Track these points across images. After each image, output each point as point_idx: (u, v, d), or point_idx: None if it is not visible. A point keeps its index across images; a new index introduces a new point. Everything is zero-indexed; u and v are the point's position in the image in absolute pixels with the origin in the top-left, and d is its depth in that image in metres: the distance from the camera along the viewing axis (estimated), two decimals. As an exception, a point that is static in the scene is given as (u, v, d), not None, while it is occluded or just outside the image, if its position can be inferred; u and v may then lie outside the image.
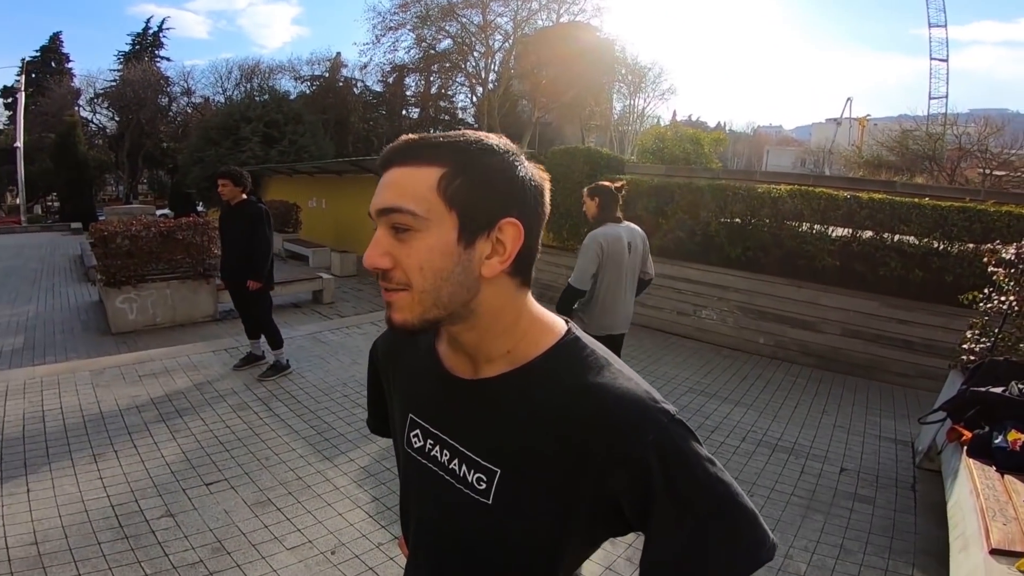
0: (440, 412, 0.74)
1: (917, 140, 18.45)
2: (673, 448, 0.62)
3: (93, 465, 3.08)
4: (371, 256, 0.63)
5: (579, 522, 0.66)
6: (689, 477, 0.62)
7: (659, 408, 0.63)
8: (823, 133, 42.11)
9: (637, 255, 3.10)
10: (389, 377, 0.85)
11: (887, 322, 5.23)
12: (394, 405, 0.84)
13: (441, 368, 0.74)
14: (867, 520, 2.90)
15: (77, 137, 24.62)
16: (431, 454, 0.74)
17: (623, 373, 0.67)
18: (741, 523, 0.64)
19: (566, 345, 0.70)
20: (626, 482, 0.62)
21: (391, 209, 0.62)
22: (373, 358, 0.91)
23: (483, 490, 0.68)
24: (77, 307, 7.54)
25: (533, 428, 0.66)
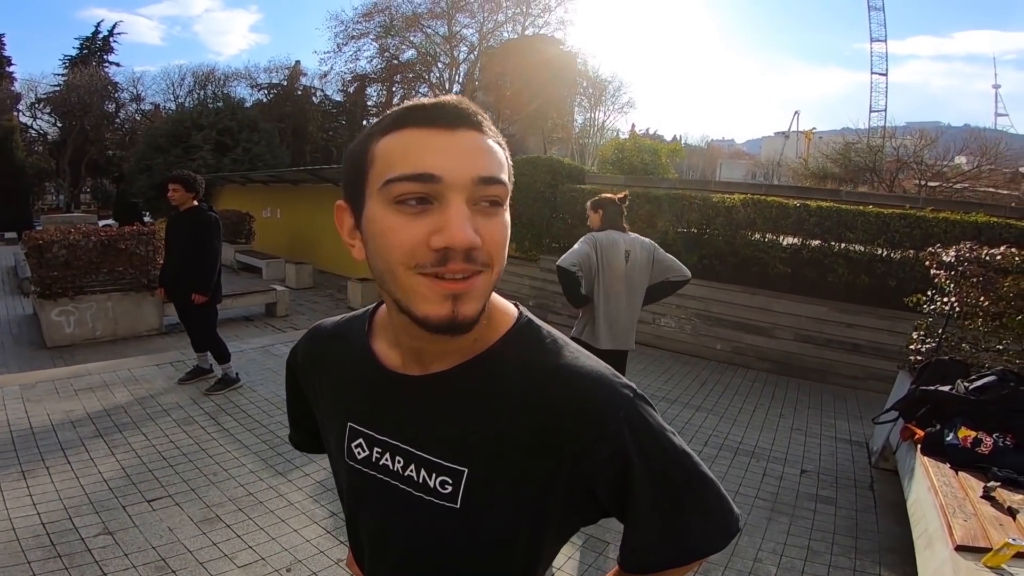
0: (386, 416, 0.66)
1: (859, 152, 19.43)
2: (642, 422, 0.61)
3: (22, 482, 2.84)
4: (468, 232, 0.51)
5: (555, 513, 0.63)
6: (660, 450, 0.61)
7: (623, 383, 0.62)
8: (772, 146, 44.00)
9: (639, 266, 2.97)
10: (315, 387, 0.76)
11: (836, 326, 5.43)
12: (326, 417, 0.75)
13: (381, 367, 0.66)
14: (831, 521, 2.95)
15: (15, 143, 23.34)
16: (380, 464, 0.66)
17: (582, 352, 0.65)
18: (710, 495, 0.65)
19: (523, 327, 0.65)
20: (604, 462, 0.59)
21: (495, 180, 0.54)
22: (292, 368, 0.81)
23: (449, 494, 0.62)
24: (9, 321, 7.04)
25: (501, 418, 0.61)
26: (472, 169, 0.52)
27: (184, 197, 4.05)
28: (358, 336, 0.71)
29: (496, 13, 25.65)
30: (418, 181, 0.51)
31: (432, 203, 0.52)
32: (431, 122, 0.53)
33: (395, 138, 0.54)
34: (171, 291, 4.25)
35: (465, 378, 0.62)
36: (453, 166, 0.52)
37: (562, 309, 6.88)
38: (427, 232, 0.52)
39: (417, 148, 0.52)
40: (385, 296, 0.59)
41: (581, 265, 2.93)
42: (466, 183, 0.52)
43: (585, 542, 2.64)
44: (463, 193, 0.52)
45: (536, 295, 7.59)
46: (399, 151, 0.53)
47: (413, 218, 0.52)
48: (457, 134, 0.53)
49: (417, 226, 0.52)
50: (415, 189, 0.52)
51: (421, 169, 0.51)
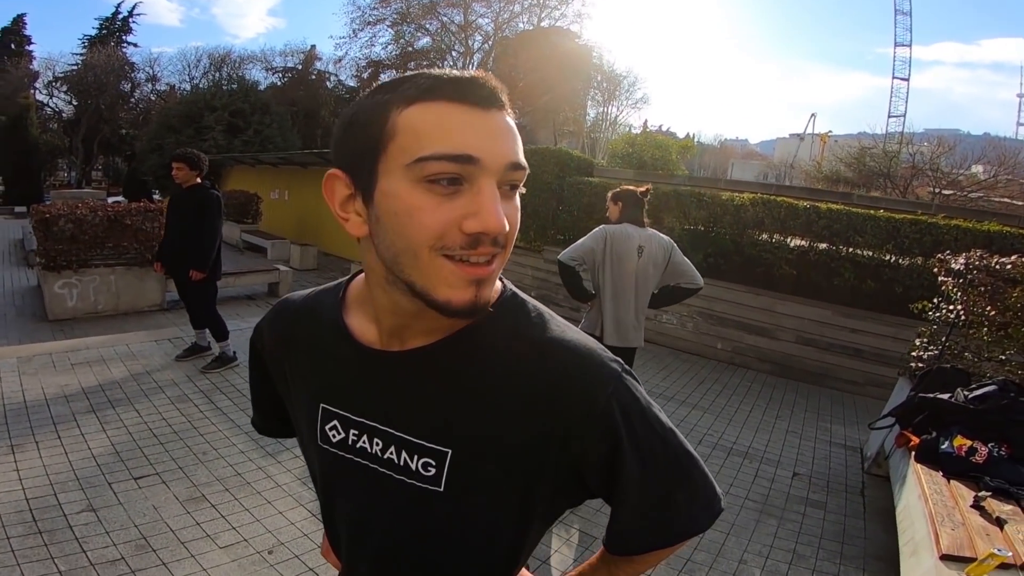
0: (362, 396, 0.62)
1: (874, 157, 19.20)
2: (631, 398, 0.60)
3: (10, 456, 2.84)
4: (502, 217, 0.51)
5: (543, 495, 0.61)
6: (648, 428, 0.60)
7: (611, 358, 0.61)
8: (786, 148, 43.54)
9: (652, 262, 2.86)
10: (283, 366, 0.72)
11: (839, 331, 5.36)
12: (295, 398, 0.71)
13: (357, 344, 0.62)
14: (819, 525, 2.92)
15: (30, 120, 23.63)
16: (357, 447, 0.63)
17: (569, 327, 0.64)
18: (696, 475, 0.64)
19: (507, 301, 0.63)
20: (593, 439, 0.58)
21: (523, 166, 0.54)
22: (256, 347, 0.76)
23: (432, 476, 0.59)
24: (13, 292, 7.10)
25: (486, 396, 0.58)
26: (507, 154, 0.52)
27: (188, 175, 4.07)
28: (330, 311, 0.66)
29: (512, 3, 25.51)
30: (456, 162, 0.49)
31: (463, 184, 0.50)
32: (464, 97, 0.51)
33: (425, 110, 0.50)
34: (171, 267, 4.27)
35: (448, 354, 0.59)
36: (491, 149, 0.50)
37: (564, 301, 6.84)
38: (460, 215, 0.50)
39: (456, 126, 0.50)
40: (388, 275, 0.55)
41: (584, 260, 2.87)
42: (499, 167, 0.51)
43: (573, 536, 2.63)
44: (495, 176, 0.51)
45: (539, 286, 7.56)
46: (433, 126, 0.50)
47: (445, 199, 0.50)
48: (490, 114, 0.52)
49: (449, 208, 0.50)
50: (451, 169, 0.49)
51: (462, 150, 0.49)
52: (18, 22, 32.18)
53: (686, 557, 2.50)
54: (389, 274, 0.55)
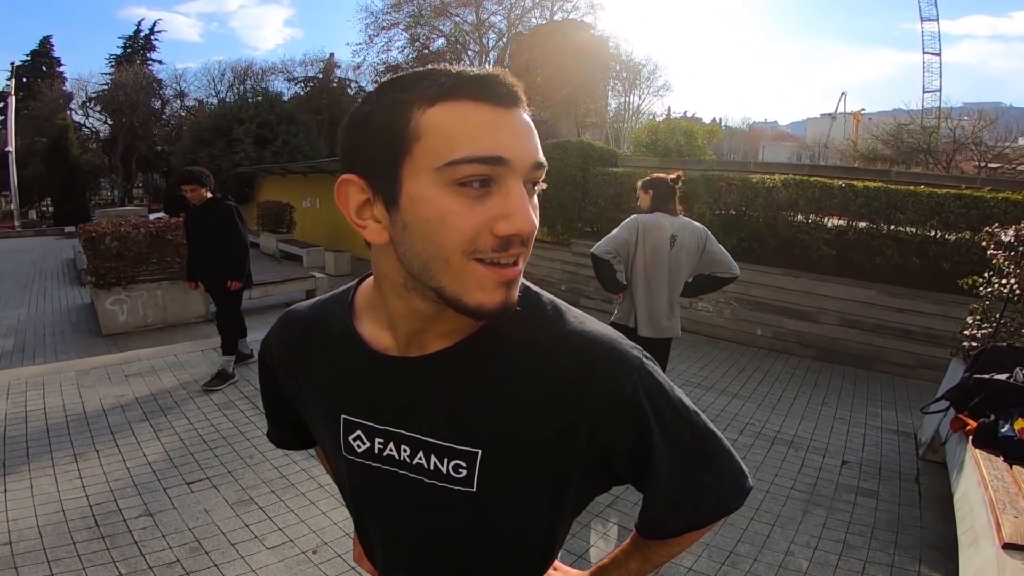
0: (384, 404, 0.62)
1: (912, 134, 18.47)
2: (655, 384, 0.60)
3: (73, 465, 3.00)
4: (532, 218, 0.51)
5: (573, 485, 0.62)
6: (674, 411, 0.60)
7: (632, 346, 0.61)
8: (818, 128, 42.17)
9: (686, 251, 2.81)
10: (296, 379, 0.70)
11: (885, 311, 5.16)
12: (313, 410, 0.70)
13: (372, 351, 0.61)
14: (871, 514, 2.81)
15: (69, 141, 24.47)
16: (384, 455, 0.63)
17: (587, 317, 0.63)
18: (722, 456, 0.64)
19: (521, 297, 0.61)
20: (621, 426, 0.58)
21: (544, 165, 0.53)
22: (265, 361, 0.75)
23: (464, 478, 0.59)
24: (68, 309, 7.46)
25: (511, 393, 0.58)
26: (532, 153, 0.51)
27: (201, 194, 4.14)
28: (339, 320, 0.65)
29: None
30: (488, 164, 0.48)
31: (492, 186, 0.49)
32: (488, 97, 0.49)
33: (450, 110, 0.49)
34: (207, 282, 4.35)
35: (468, 355, 0.59)
36: (518, 149, 0.50)
37: (595, 294, 6.80)
38: (490, 217, 0.49)
39: (486, 127, 0.49)
40: (408, 282, 0.54)
41: (618, 252, 2.84)
42: (527, 167, 0.50)
43: (611, 530, 2.61)
44: (521, 176, 0.50)
45: (568, 280, 7.52)
46: (461, 127, 0.48)
47: (476, 202, 0.49)
48: (513, 113, 0.50)
49: (480, 211, 0.49)
50: (483, 172, 0.48)
51: (494, 151, 0.48)
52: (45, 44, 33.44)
53: (729, 549, 2.45)
54: (411, 280, 0.54)
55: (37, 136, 26.08)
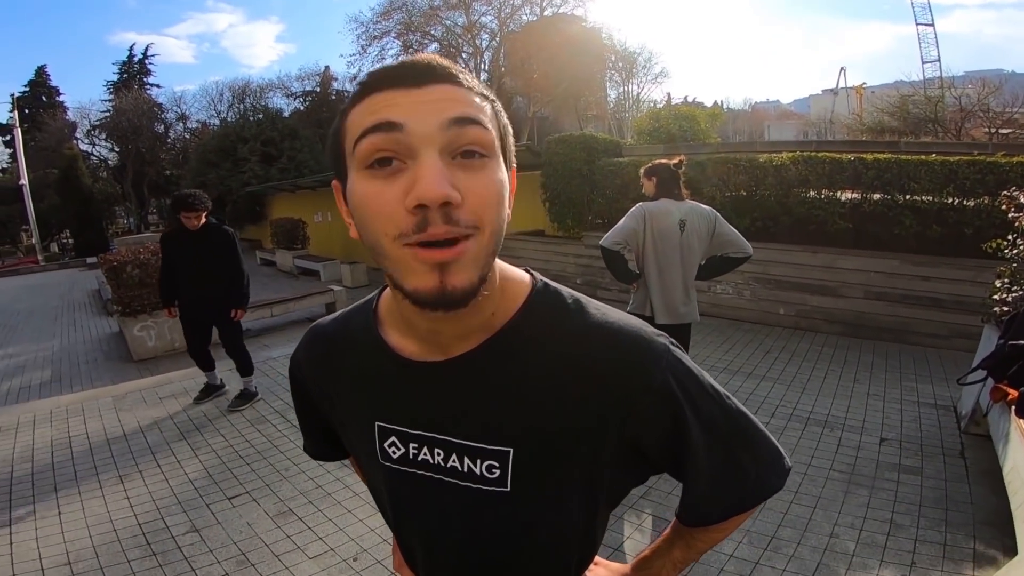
0: (415, 408, 0.62)
1: (917, 104, 18.23)
2: (684, 369, 0.60)
3: (120, 485, 3.09)
4: (442, 183, 0.46)
5: (605, 479, 0.61)
6: (705, 395, 0.61)
7: (657, 333, 0.61)
8: (821, 104, 41.64)
9: (696, 235, 2.80)
10: (328, 391, 0.71)
11: (911, 280, 5.08)
12: (346, 421, 0.70)
13: (399, 357, 0.61)
14: (916, 492, 2.74)
15: (79, 170, 24.59)
16: (419, 459, 0.63)
17: (609, 308, 0.63)
18: (759, 439, 0.64)
19: (540, 294, 0.62)
20: (652, 416, 0.58)
21: (472, 120, 0.49)
22: (296, 375, 0.76)
23: (497, 478, 0.60)
24: (99, 339, 7.60)
25: (538, 389, 0.58)
26: (440, 114, 0.48)
27: (200, 220, 3.85)
28: (364, 330, 0.66)
29: None
30: (380, 131, 0.48)
31: (405, 162, 0.48)
32: (395, 82, 0.50)
33: (364, 105, 0.51)
34: (208, 310, 4.05)
35: (491, 356, 0.59)
36: (418, 114, 0.48)
37: (611, 284, 6.77)
38: (402, 193, 0.48)
39: (381, 104, 0.49)
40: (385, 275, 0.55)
41: (627, 241, 2.83)
42: (433, 131, 0.48)
43: (646, 521, 2.61)
44: (434, 144, 0.48)
45: (583, 273, 7.51)
46: (365, 112, 0.50)
47: (386, 181, 0.49)
48: (424, 89, 0.49)
49: (392, 188, 0.48)
50: (380, 143, 0.48)
51: (383, 118, 0.48)
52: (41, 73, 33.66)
53: (770, 534, 2.42)
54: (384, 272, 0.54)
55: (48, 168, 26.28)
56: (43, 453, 3.53)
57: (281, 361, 5.24)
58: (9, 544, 2.58)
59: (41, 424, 3.98)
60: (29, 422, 4.03)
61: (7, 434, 3.85)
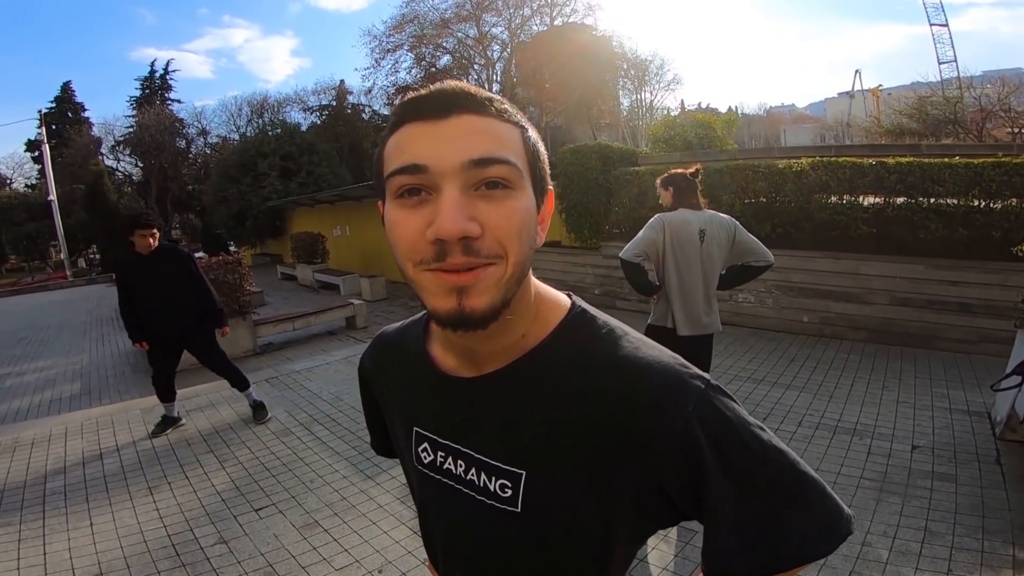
0: (445, 420, 0.65)
1: (935, 105, 17.97)
2: (718, 416, 0.56)
3: (149, 497, 3.14)
4: (457, 220, 0.49)
5: (623, 516, 0.59)
6: (741, 447, 0.56)
7: (693, 374, 0.58)
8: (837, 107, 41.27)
9: (716, 244, 2.77)
10: (384, 392, 0.77)
11: (937, 285, 4.97)
12: (395, 422, 0.76)
13: (438, 371, 0.65)
14: (951, 499, 2.68)
15: (106, 186, 25.12)
16: (444, 468, 0.66)
17: (645, 342, 0.61)
18: (810, 494, 0.58)
19: (575, 320, 0.62)
20: (671, 462, 0.55)
21: (492, 160, 0.51)
22: (363, 376, 0.82)
23: (509, 498, 0.60)
24: (126, 352, 7.74)
25: (556, 417, 0.58)
26: (461, 153, 0.50)
27: (151, 241, 3.67)
28: (415, 341, 0.70)
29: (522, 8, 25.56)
30: (407, 173, 0.51)
31: (427, 195, 0.51)
32: (420, 114, 0.53)
33: (396, 136, 0.54)
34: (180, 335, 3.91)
35: (516, 377, 0.60)
36: (440, 154, 0.50)
37: (629, 295, 6.74)
38: (424, 223, 0.50)
39: (408, 141, 0.52)
40: None
41: (646, 253, 2.81)
42: (455, 169, 0.50)
43: (671, 530, 2.57)
44: (456, 180, 0.50)
45: (601, 283, 7.48)
46: (396, 147, 0.53)
47: (412, 211, 0.52)
48: (447, 121, 0.52)
49: (415, 219, 0.51)
50: (407, 181, 0.51)
51: (409, 161, 0.51)
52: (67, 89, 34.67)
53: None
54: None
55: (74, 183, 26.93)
56: (75, 465, 3.62)
57: (304, 374, 5.30)
58: (43, 555, 2.64)
59: (73, 436, 4.08)
60: (61, 434, 4.13)
61: (40, 446, 3.95)
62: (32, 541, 2.77)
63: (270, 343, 7.23)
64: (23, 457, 3.79)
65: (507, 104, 0.56)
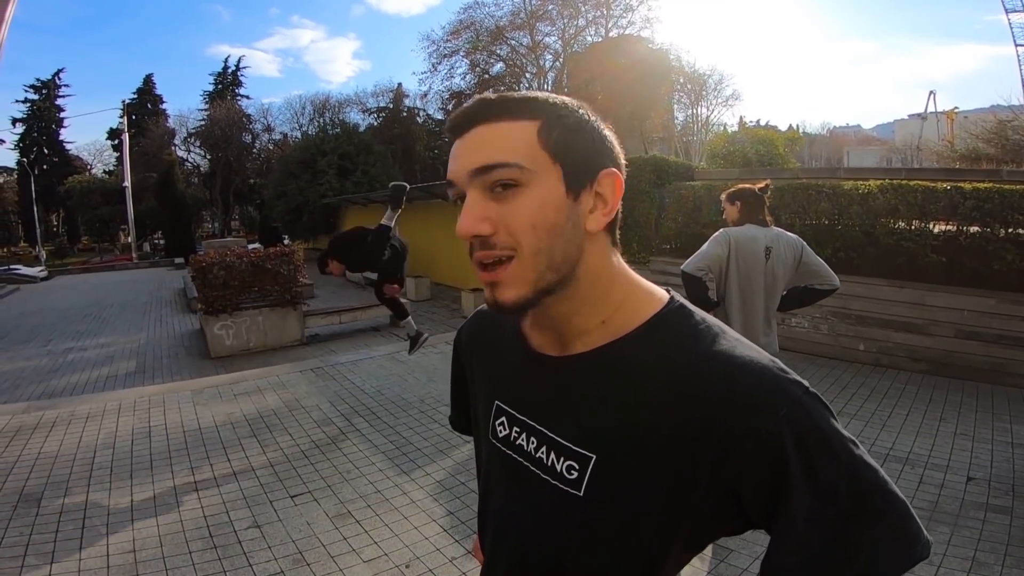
0: (527, 396, 0.67)
1: (1017, 130, 16.77)
2: (810, 424, 0.53)
3: (191, 477, 3.27)
4: (467, 222, 0.56)
5: (687, 517, 0.57)
6: (830, 458, 0.53)
7: (791, 379, 0.55)
8: (908, 130, 39.21)
9: (781, 263, 2.67)
10: (473, 365, 0.80)
11: (1009, 320, 4.64)
12: (478, 395, 0.78)
13: (528, 348, 0.68)
14: (1004, 531, 2.55)
15: (175, 176, 26.63)
16: (516, 443, 0.67)
17: (742, 342, 0.59)
18: (892, 515, 0.55)
19: (671, 313, 0.62)
20: (753, 464, 0.53)
21: (491, 166, 0.56)
22: (457, 348, 0.86)
23: (574, 480, 0.60)
24: (181, 335, 8.18)
25: (636, 406, 0.57)
26: (468, 164, 0.57)
27: None
28: (512, 320, 0.72)
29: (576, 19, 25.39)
30: (448, 186, 0.61)
31: (463, 200, 0.59)
32: (453, 130, 0.61)
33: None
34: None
35: (601, 361, 0.60)
36: (457, 168, 0.58)
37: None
38: None
39: (450, 157, 0.61)
40: None
41: (710, 268, 2.71)
42: (465, 179, 0.57)
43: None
44: (472, 187, 0.57)
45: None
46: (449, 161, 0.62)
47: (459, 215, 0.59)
48: (466, 136, 0.59)
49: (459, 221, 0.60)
50: (451, 192, 0.60)
51: (447, 176, 0.61)
52: (148, 82, 36.90)
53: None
54: None
55: (147, 172, 28.63)
56: (124, 441, 3.80)
57: (348, 366, 5.44)
58: (81, 528, 2.75)
59: (125, 413, 4.29)
60: (115, 409, 4.36)
61: (94, 420, 4.17)
62: (74, 514, 2.88)
63: (317, 334, 7.47)
64: (76, 430, 3.99)
65: (529, 96, 0.59)
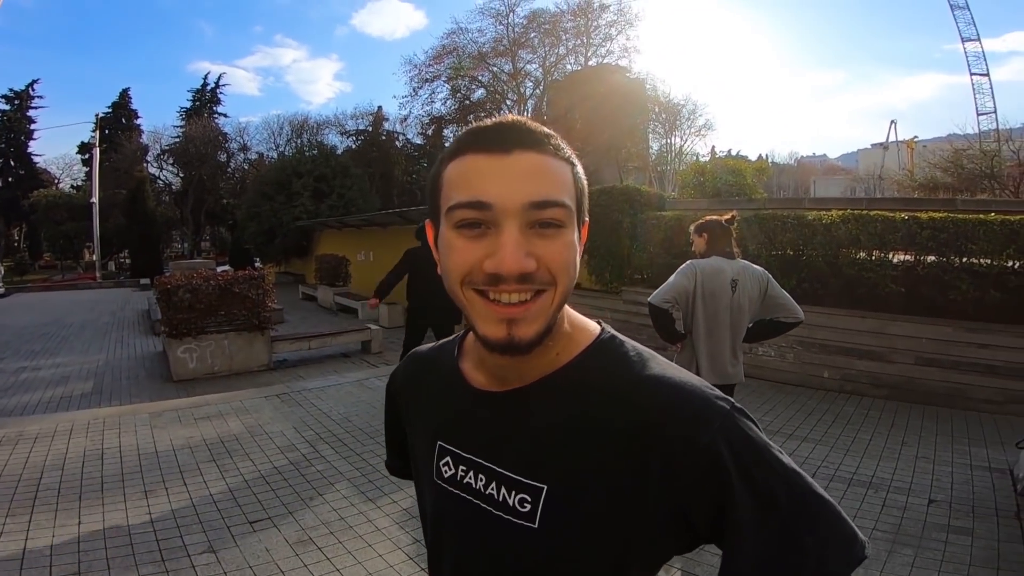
0: (471, 433, 0.66)
1: (972, 159, 17.58)
2: (742, 436, 0.56)
3: (144, 500, 3.13)
4: (516, 259, 0.53)
5: (643, 536, 0.58)
6: (765, 467, 0.55)
7: (719, 396, 0.58)
8: (870, 159, 41.04)
9: (747, 295, 2.72)
10: (410, 408, 0.78)
11: (966, 347, 4.81)
12: (417, 437, 0.76)
13: (468, 386, 0.67)
14: (966, 552, 2.61)
15: (146, 193, 25.92)
16: (464, 482, 0.65)
17: (671, 365, 0.62)
18: (828, 516, 0.57)
19: (605, 343, 0.64)
20: (696, 478, 0.54)
21: (551, 203, 0.55)
22: (391, 392, 0.84)
23: (527, 512, 0.59)
24: (143, 356, 7.91)
25: (581, 433, 0.58)
26: (524, 195, 0.54)
27: None
28: (449, 359, 0.73)
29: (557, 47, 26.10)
30: (472, 208, 0.54)
31: (486, 228, 0.55)
32: (486, 147, 0.56)
33: (458, 164, 0.57)
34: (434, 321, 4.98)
35: (544, 392, 0.61)
36: (505, 193, 0.54)
37: (648, 342, 6.47)
38: (483, 255, 0.54)
39: (473, 175, 0.55)
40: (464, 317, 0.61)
41: (676, 300, 2.75)
42: (517, 209, 0.54)
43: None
44: (516, 219, 0.54)
45: (620, 328, 6.75)
46: (459, 178, 0.56)
47: (471, 241, 0.55)
48: (511, 157, 0.55)
49: (474, 249, 0.55)
50: (470, 215, 0.55)
51: (476, 197, 0.54)
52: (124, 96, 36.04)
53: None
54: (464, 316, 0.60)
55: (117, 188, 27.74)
56: (74, 462, 3.62)
57: (315, 392, 5.32)
58: (23, 549, 2.61)
59: (77, 434, 4.11)
60: (67, 431, 4.17)
61: (43, 441, 3.97)
62: (15, 535, 2.74)
63: (285, 359, 7.30)
64: (24, 451, 3.80)
65: (560, 140, 0.59)
